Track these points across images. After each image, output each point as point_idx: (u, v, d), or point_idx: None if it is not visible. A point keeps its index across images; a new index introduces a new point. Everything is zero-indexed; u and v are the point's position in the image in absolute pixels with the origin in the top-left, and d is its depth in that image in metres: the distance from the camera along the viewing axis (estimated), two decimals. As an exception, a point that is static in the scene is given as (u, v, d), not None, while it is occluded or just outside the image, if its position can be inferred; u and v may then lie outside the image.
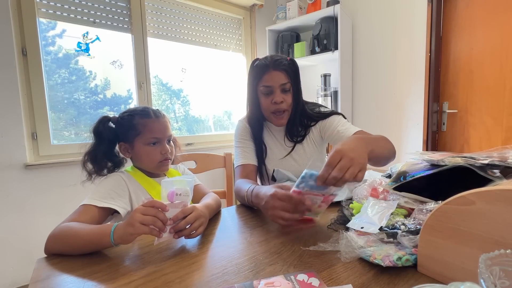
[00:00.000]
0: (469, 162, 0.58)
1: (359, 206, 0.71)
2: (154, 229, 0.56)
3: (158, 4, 2.15)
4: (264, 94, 0.98)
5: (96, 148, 0.81)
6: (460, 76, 1.98)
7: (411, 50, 2.11)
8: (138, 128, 0.81)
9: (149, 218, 0.55)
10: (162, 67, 2.23)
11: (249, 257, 0.56)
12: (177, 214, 0.60)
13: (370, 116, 2.39)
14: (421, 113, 2.08)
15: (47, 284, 0.49)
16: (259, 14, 2.71)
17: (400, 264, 0.48)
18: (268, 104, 0.98)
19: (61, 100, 1.79)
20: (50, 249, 0.60)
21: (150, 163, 0.84)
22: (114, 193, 0.75)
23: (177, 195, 0.60)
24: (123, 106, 2.06)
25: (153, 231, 0.56)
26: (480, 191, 0.40)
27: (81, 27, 1.83)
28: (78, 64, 1.86)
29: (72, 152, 1.76)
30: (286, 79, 0.96)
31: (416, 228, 0.52)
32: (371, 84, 2.36)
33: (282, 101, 0.96)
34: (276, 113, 0.99)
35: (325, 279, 0.47)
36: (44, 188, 1.66)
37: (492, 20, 1.82)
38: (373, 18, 2.30)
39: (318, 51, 2.36)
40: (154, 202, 0.57)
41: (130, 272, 0.52)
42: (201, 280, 0.49)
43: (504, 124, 1.83)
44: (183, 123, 2.44)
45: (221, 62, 2.58)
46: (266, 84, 0.96)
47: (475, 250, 0.41)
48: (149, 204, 0.57)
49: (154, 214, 0.56)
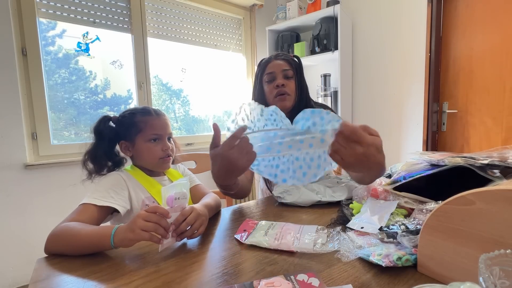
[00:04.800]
0: (469, 162, 0.58)
1: (359, 206, 0.71)
2: (154, 236, 0.55)
3: (158, 4, 2.15)
4: (268, 82, 1.04)
5: (96, 147, 0.81)
6: (460, 76, 1.98)
7: (411, 50, 2.11)
8: (139, 126, 0.82)
9: (151, 225, 0.54)
10: (162, 67, 2.23)
11: (249, 257, 0.56)
12: (177, 217, 0.60)
13: (370, 116, 2.39)
14: (421, 113, 2.08)
15: (47, 284, 0.49)
16: (259, 14, 2.71)
17: (400, 264, 0.48)
18: (271, 89, 1.03)
19: (61, 100, 1.79)
20: (50, 249, 0.60)
21: (152, 160, 0.84)
22: (113, 192, 0.75)
23: (176, 200, 0.60)
24: (123, 106, 2.06)
25: (154, 238, 0.55)
26: (480, 191, 0.40)
27: (81, 27, 1.83)
28: (78, 64, 1.85)
29: (72, 152, 1.76)
30: (288, 66, 1.03)
31: (416, 228, 0.52)
32: (371, 84, 2.36)
33: (284, 84, 1.00)
34: (278, 96, 1.02)
35: (325, 279, 0.47)
36: (44, 188, 1.66)
37: (492, 20, 1.82)
38: (373, 18, 2.30)
39: (318, 51, 2.36)
40: (157, 208, 0.56)
41: (130, 272, 0.51)
42: (201, 280, 0.49)
43: (504, 124, 1.83)
44: (183, 123, 2.44)
45: (221, 62, 2.58)
46: (269, 71, 1.03)
47: (475, 250, 0.41)
48: (152, 210, 0.56)
49: (157, 221, 0.55)
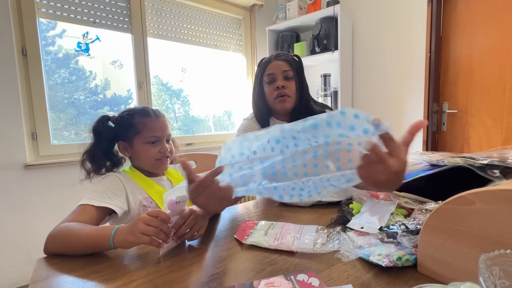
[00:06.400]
0: (468, 162, 0.58)
1: (359, 206, 0.71)
2: (154, 240, 0.54)
3: (158, 4, 2.15)
4: (268, 83, 1.03)
5: (95, 147, 0.81)
6: (460, 76, 1.98)
7: (411, 50, 2.11)
8: (138, 127, 0.81)
9: (152, 230, 0.54)
10: (162, 67, 2.23)
11: (249, 257, 0.56)
12: (177, 220, 0.60)
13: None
14: (421, 113, 2.08)
15: (47, 284, 0.49)
16: (259, 14, 2.71)
17: (400, 264, 0.48)
18: (271, 90, 1.02)
19: (61, 100, 1.79)
20: (49, 249, 0.60)
21: (149, 161, 0.84)
22: (111, 193, 0.75)
23: (177, 203, 0.60)
24: (123, 106, 2.06)
25: (154, 242, 0.54)
26: (480, 191, 0.40)
27: (81, 27, 1.83)
28: (78, 64, 1.85)
29: (72, 152, 1.76)
30: (288, 67, 1.02)
31: (416, 228, 0.52)
32: (371, 84, 2.36)
33: (284, 86, 1.00)
34: (278, 97, 1.02)
35: (325, 279, 0.47)
36: (44, 188, 1.66)
37: (492, 20, 1.82)
38: (373, 18, 2.30)
39: (318, 51, 2.36)
40: (159, 213, 0.55)
41: (130, 272, 0.51)
42: (201, 280, 0.49)
43: (504, 124, 1.83)
44: (183, 123, 2.44)
45: (221, 62, 2.58)
46: (269, 72, 1.02)
47: (475, 250, 0.41)
48: (154, 214, 0.55)
49: (158, 225, 0.54)
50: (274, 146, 0.50)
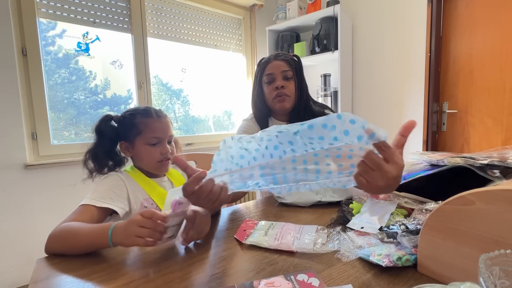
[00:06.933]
0: (468, 162, 0.58)
1: (359, 206, 0.71)
2: (148, 241, 0.54)
3: (158, 4, 2.15)
4: (267, 83, 1.04)
5: (97, 147, 0.81)
6: (460, 76, 1.98)
7: (411, 50, 2.11)
8: (140, 127, 0.81)
9: (145, 231, 0.53)
10: (162, 67, 2.23)
11: (249, 257, 0.56)
12: (187, 224, 0.61)
13: (370, 116, 2.39)
14: (421, 113, 2.08)
15: (47, 284, 0.49)
16: (259, 14, 2.71)
17: (400, 264, 0.48)
18: (270, 90, 1.03)
19: (61, 100, 1.79)
20: (50, 249, 0.60)
21: (150, 163, 0.84)
22: (112, 193, 0.75)
23: (180, 204, 0.60)
24: (123, 106, 2.06)
25: (148, 243, 0.54)
26: (480, 191, 0.40)
27: (81, 27, 1.83)
28: (78, 64, 1.85)
29: (72, 152, 1.76)
30: (287, 67, 1.02)
31: (416, 228, 0.52)
32: (371, 84, 2.36)
33: (283, 86, 1.00)
34: (278, 97, 1.02)
35: (325, 279, 0.47)
36: (44, 188, 1.66)
37: (492, 20, 1.82)
38: (373, 18, 2.30)
39: (318, 51, 2.36)
40: (153, 214, 0.54)
41: (130, 272, 0.51)
42: (201, 280, 0.49)
43: (504, 124, 1.83)
44: (183, 123, 2.44)
45: (221, 62, 2.58)
46: (268, 72, 1.03)
47: (475, 250, 0.41)
48: (148, 215, 0.54)
49: (152, 227, 0.53)
50: (273, 152, 0.50)
